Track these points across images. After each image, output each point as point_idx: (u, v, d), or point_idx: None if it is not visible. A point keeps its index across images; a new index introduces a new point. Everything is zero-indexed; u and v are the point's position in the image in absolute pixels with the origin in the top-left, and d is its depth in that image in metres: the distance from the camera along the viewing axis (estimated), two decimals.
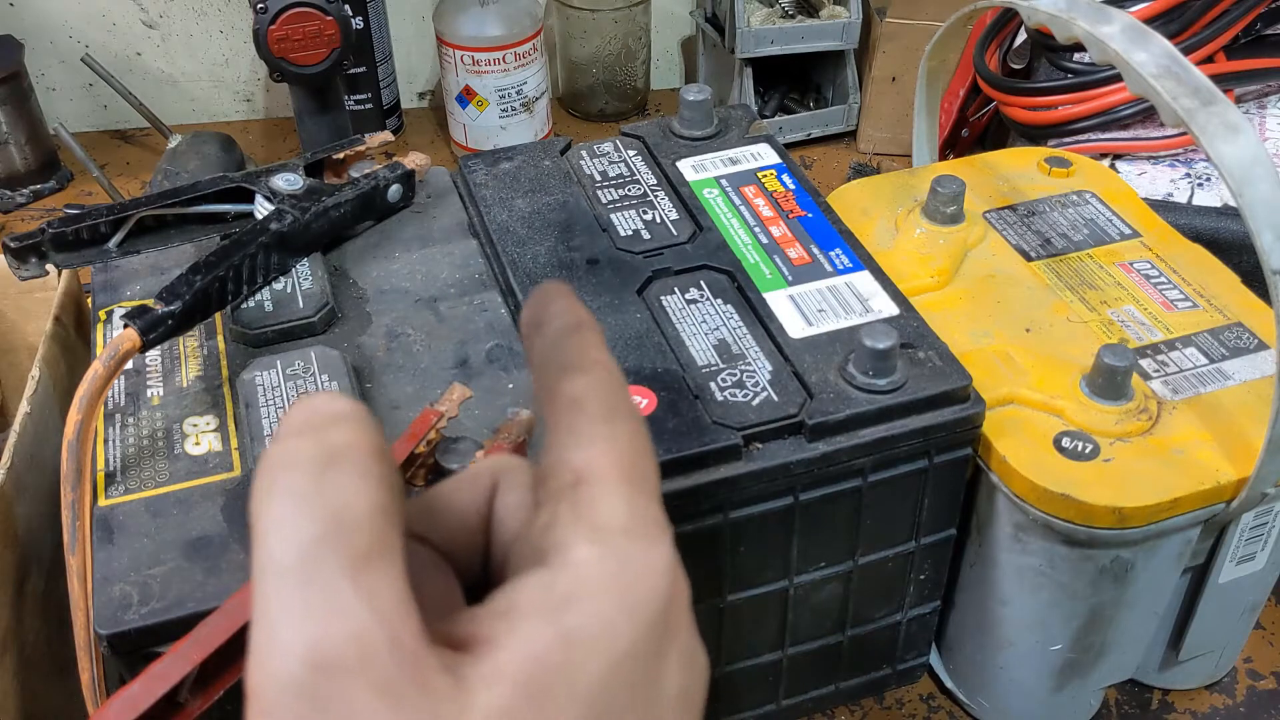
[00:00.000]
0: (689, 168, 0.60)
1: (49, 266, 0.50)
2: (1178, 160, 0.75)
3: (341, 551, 0.20)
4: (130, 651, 0.39)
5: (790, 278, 0.52)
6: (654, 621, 0.22)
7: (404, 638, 0.20)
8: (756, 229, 0.55)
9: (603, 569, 0.21)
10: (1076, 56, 0.77)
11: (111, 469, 0.44)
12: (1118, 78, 0.73)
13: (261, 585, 0.20)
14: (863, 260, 0.54)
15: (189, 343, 0.50)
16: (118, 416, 0.46)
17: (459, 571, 0.26)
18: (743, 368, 0.48)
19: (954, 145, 0.93)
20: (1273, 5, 0.74)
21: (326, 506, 0.20)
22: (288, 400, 0.45)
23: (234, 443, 0.45)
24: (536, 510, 0.24)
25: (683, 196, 0.57)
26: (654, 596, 0.22)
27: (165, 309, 0.45)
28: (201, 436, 0.45)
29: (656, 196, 0.58)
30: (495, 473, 0.26)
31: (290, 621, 0.19)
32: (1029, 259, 0.58)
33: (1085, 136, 0.77)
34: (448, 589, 0.25)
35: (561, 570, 0.21)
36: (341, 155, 0.57)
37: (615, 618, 0.21)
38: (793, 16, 0.98)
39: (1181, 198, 0.72)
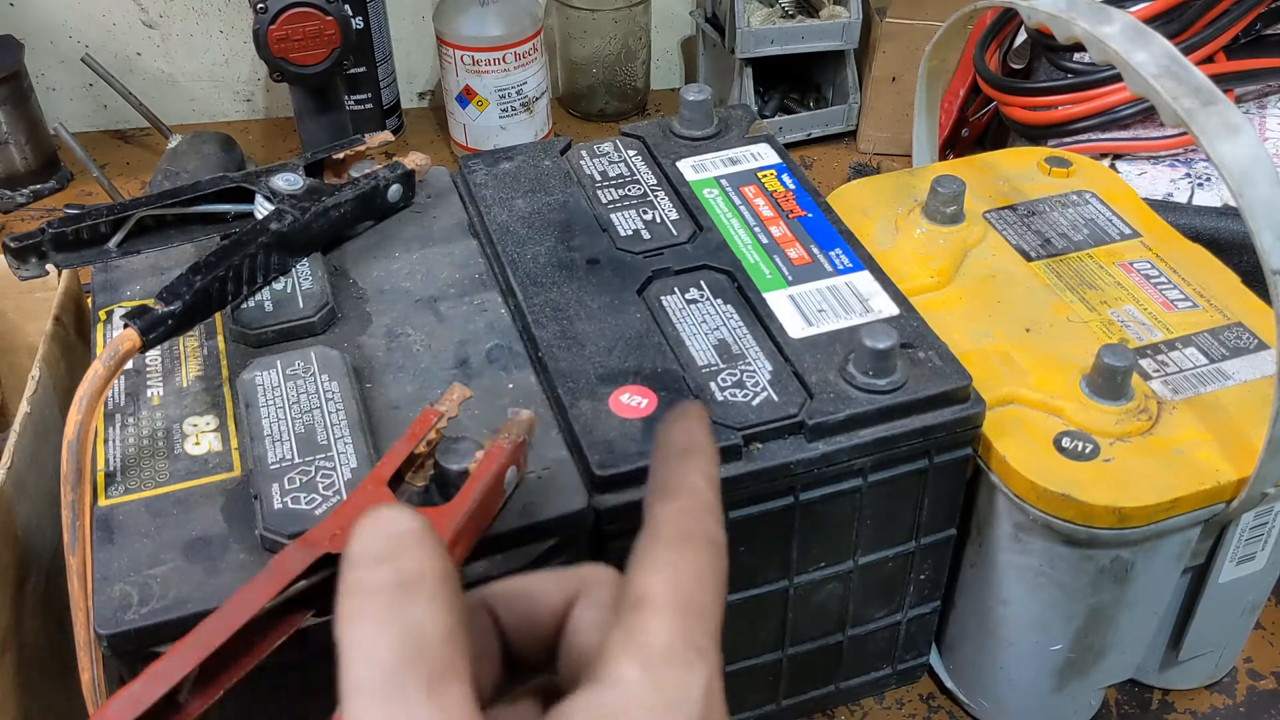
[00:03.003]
0: (689, 168, 0.60)
1: (49, 266, 0.50)
2: (1178, 160, 0.75)
3: (419, 672, 0.22)
4: (130, 651, 0.39)
5: (790, 278, 0.52)
6: None
7: None
8: (756, 229, 0.55)
9: (644, 691, 0.23)
10: (1076, 56, 0.77)
11: (111, 469, 0.44)
12: (1118, 78, 0.73)
13: (350, 703, 0.22)
14: (863, 260, 0.54)
15: (189, 343, 0.50)
16: (118, 416, 0.46)
17: (522, 657, 0.28)
18: (743, 368, 0.48)
19: (954, 145, 0.93)
20: (1273, 5, 0.74)
21: (405, 632, 0.22)
22: (288, 400, 0.45)
23: (234, 443, 0.45)
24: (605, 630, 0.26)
25: (683, 196, 0.57)
26: (686, 717, 0.23)
27: (165, 309, 0.45)
28: (201, 436, 0.45)
29: (656, 196, 0.58)
30: (583, 581, 0.28)
31: None
32: (1029, 259, 0.59)
33: (1085, 136, 0.77)
34: (491, 670, 0.27)
35: (609, 689, 0.23)
36: (341, 155, 0.57)
37: None
38: (793, 16, 0.98)
39: (1181, 198, 0.72)
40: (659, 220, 0.56)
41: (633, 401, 0.46)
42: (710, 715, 0.24)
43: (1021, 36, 0.86)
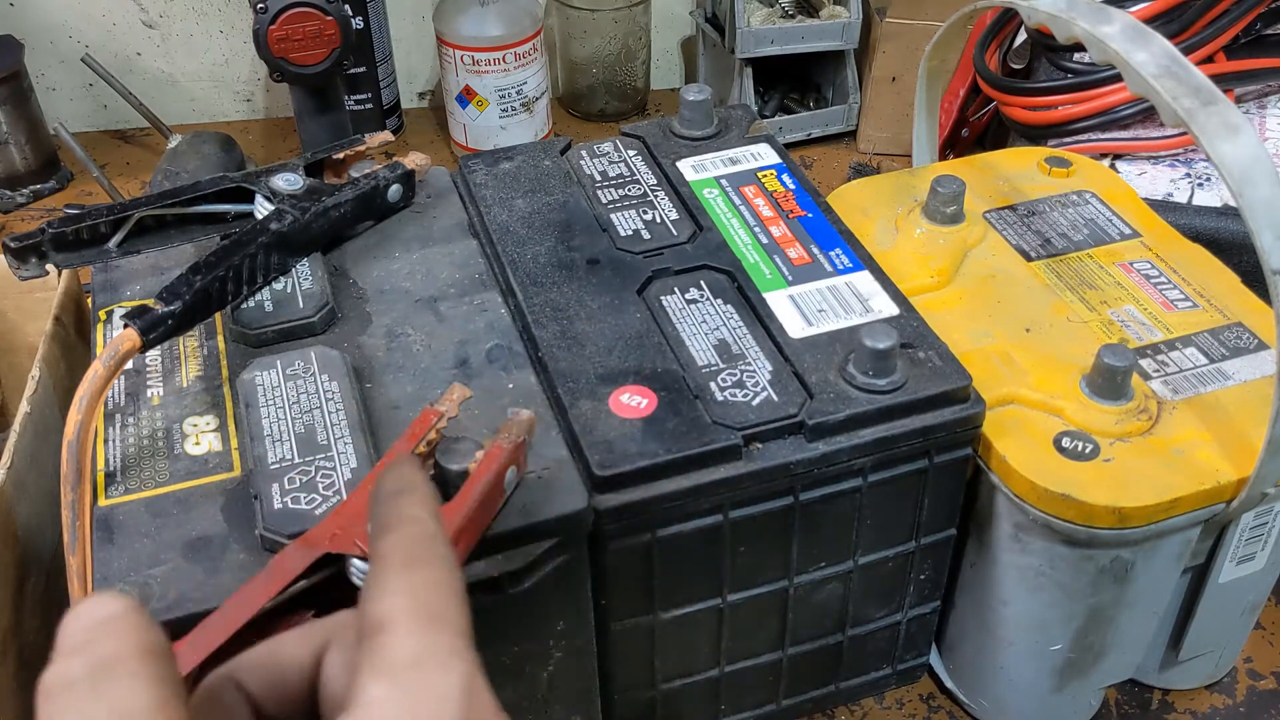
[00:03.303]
0: (689, 168, 0.60)
1: (49, 266, 0.50)
2: (1178, 160, 0.75)
3: None
4: None
5: (790, 278, 0.52)
6: None
7: None
8: (756, 229, 0.55)
9: (395, 704, 0.23)
10: (1076, 56, 0.77)
11: (111, 469, 0.44)
12: (1118, 78, 0.73)
13: None
14: (863, 260, 0.54)
15: (189, 343, 0.50)
16: (118, 416, 0.46)
17: None
18: (743, 368, 0.48)
19: (954, 145, 0.93)
20: (1273, 5, 0.74)
21: (107, 715, 0.22)
22: (288, 400, 0.45)
23: (234, 443, 0.45)
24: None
25: (683, 196, 0.57)
26: (442, 718, 0.23)
27: (165, 309, 0.45)
28: (201, 436, 0.45)
29: (656, 196, 0.58)
30: (328, 631, 0.28)
31: None
32: (1029, 259, 0.59)
33: (1085, 136, 0.77)
34: None
35: (360, 712, 0.23)
36: (341, 155, 0.57)
37: None
38: (793, 16, 0.98)
39: (1181, 198, 0.72)
40: (659, 220, 0.56)
41: (633, 401, 0.46)
42: (475, 712, 0.23)
43: (1021, 36, 0.86)
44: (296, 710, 0.27)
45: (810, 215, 0.56)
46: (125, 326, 0.44)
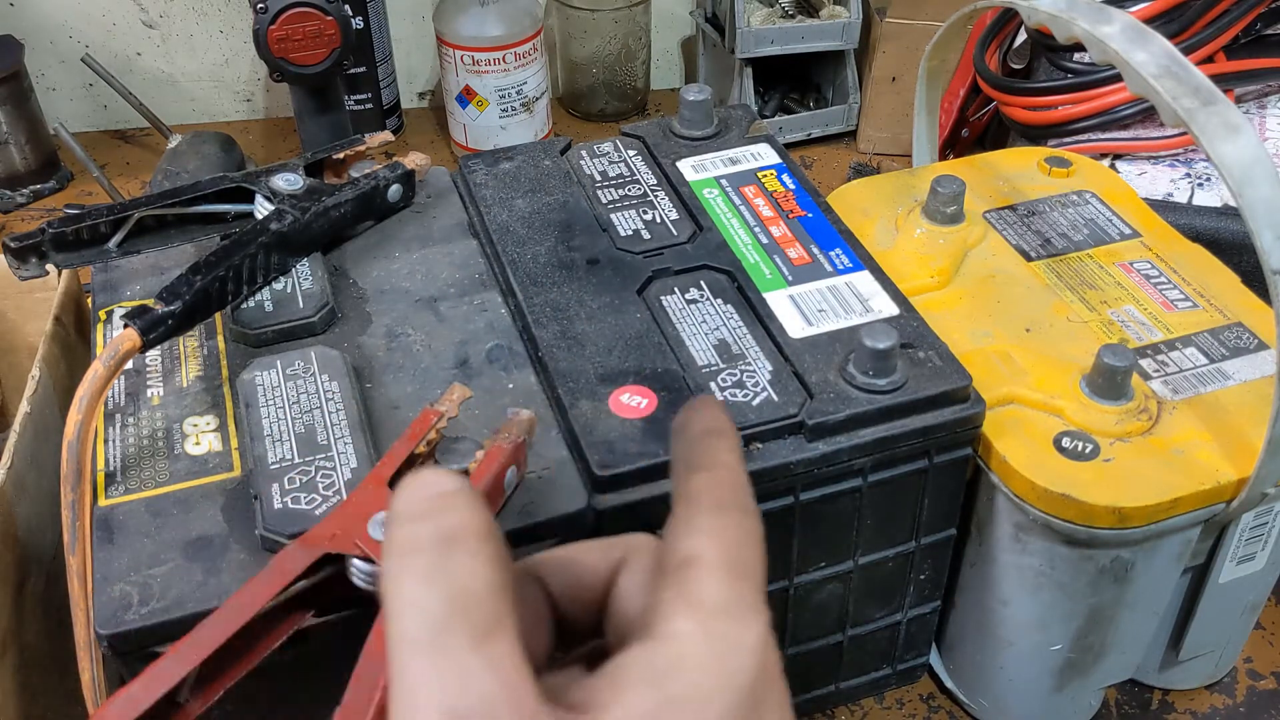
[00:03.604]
0: (689, 168, 0.60)
1: (49, 266, 0.50)
2: (1178, 160, 0.75)
3: (467, 627, 0.22)
4: (130, 651, 0.39)
5: (790, 278, 0.52)
6: (746, 692, 0.23)
7: (525, 700, 0.22)
8: (756, 229, 0.55)
9: (700, 643, 0.24)
10: (1076, 56, 0.77)
11: (111, 469, 0.44)
12: (1118, 78, 0.73)
13: (398, 657, 0.22)
14: (863, 260, 0.54)
15: (189, 343, 0.50)
16: (118, 416, 0.46)
17: (570, 625, 0.28)
18: (743, 368, 0.48)
19: (954, 145, 0.93)
20: (1273, 5, 0.74)
21: (451, 587, 0.23)
22: (288, 400, 0.45)
23: (234, 443, 0.45)
24: (652, 591, 0.26)
25: (683, 196, 0.57)
26: (746, 670, 0.24)
27: (165, 309, 0.45)
28: (201, 436, 0.45)
29: (656, 196, 0.58)
30: (627, 548, 0.29)
31: (428, 688, 0.22)
32: (1029, 259, 0.59)
33: (1085, 136, 0.77)
34: (542, 637, 0.28)
35: (664, 643, 0.24)
36: (341, 155, 0.57)
37: (711, 688, 0.23)
38: (793, 16, 0.98)
39: (1181, 198, 0.72)
40: (659, 220, 0.56)
41: (633, 401, 0.46)
42: (767, 668, 0.24)
43: (1021, 36, 0.86)
44: (585, 615, 0.28)
45: (810, 215, 0.56)
46: (125, 326, 0.44)
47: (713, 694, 0.23)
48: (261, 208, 0.53)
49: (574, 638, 0.29)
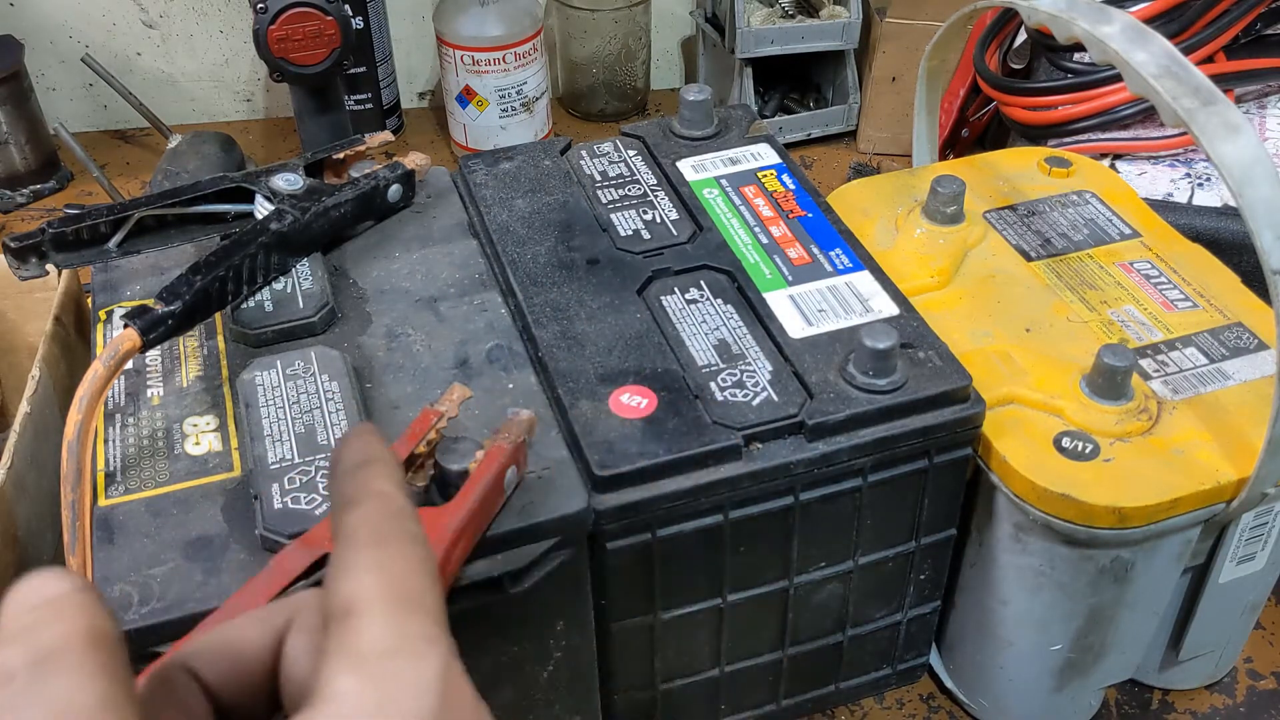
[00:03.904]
0: (689, 168, 0.60)
1: (49, 266, 0.50)
2: (1178, 160, 0.75)
3: None
4: (130, 651, 0.38)
5: (790, 278, 0.52)
6: None
7: None
8: (756, 229, 0.55)
9: (366, 697, 0.21)
10: (1076, 56, 0.77)
11: (111, 469, 0.44)
12: (1118, 78, 0.73)
13: None
14: (863, 260, 0.54)
15: (189, 343, 0.50)
16: (118, 416, 0.46)
17: (243, 712, 0.25)
18: (743, 368, 0.48)
19: (954, 145, 0.93)
20: (1273, 5, 0.74)
21: (48, 713, 0.20)
22: (288, 400, 0.45)
23: (234, 443, 0.45)
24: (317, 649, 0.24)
25: (683, 196, 0.57)
26: (423, 710, 0.22)
27: (165, 309, 0.45)
28: (201, 436, 0.45)
29: (656, 196, 0.58)
30: (292, 610, 0.26)
31: None
32: (1029, 259, 0.59)
33: (1085, 136, 0.77)
34: None
35: (327, 706, 0.21)
36: (341, 155, 0.57)
37: None
38: (793, 16, 0.98)
39: (1181, 198, 0.72)
40: (659, 220, 0.56)
41: (633, 401, 0.46)
42: (449, 698, 0.22)
43: (1021, 36, 0.86)
44: (256, 697, 0.25)
45: (810, 215, 0.56)
46: (125, 326, 0.44)
47: None
48: (261, 208, 0.53)
49: None
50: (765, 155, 0.61)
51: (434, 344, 0.49)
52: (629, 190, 0.58)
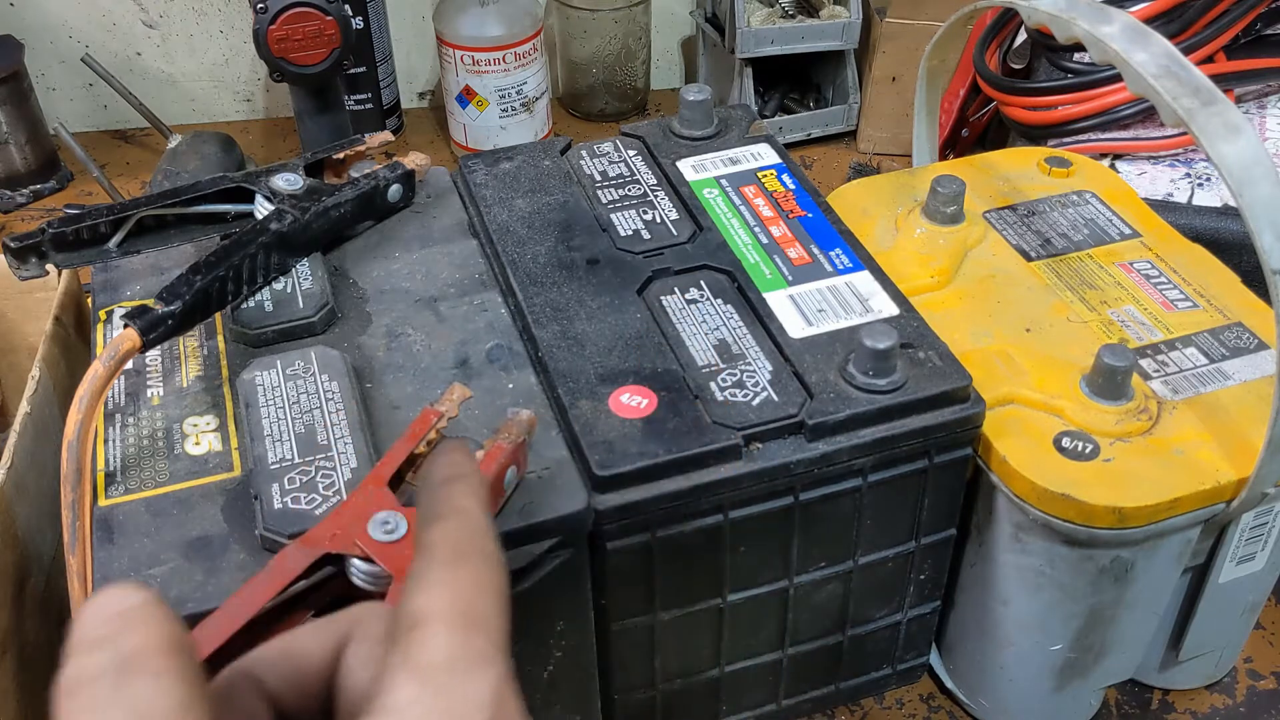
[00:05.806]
0: (689, 168, 0.60)
1: (49, 266, 0.50)
2: (1178, 160, 0.75)
3: None
4: None
5: (790, 278, 0.52)
6: None
7: None
8: (756, 229, 0.55)
9: (426, 708, 0.22)
10: (1076, 56, 0.77)
11: (111, 469, 0.44)
12: (1118, 78, 0.73)
13: None
14: (863, 260, 0.54)
15: (189, 343, 0.50)
16: (118, 416, 0.46)
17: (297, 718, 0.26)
18: (743, 368, 0.48)
19: (954, 145, 0.93)
20: (1273, 5, 0.74)
21: (129, 714, 0.21)
22: (288, 400, 0.45)
23: (234, 443, 0.45)
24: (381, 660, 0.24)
25: (683, 196, 0.57)
26: None
27: (165, 309, 0.45)
28: (201, 436, 0.45)
29: (656, 196, 0.58)
30: (352, 621, 0.27)
31: None
32: (1029, 259, 0.59)
33: (1085, 136, 0.77)
34: None
35: (383, 715, 0.22)
36: (341, 155, 0.57)
37: None
38: (793, 16, 0.98)
39: (1181, 198, 0.72)
40: (659, 220, 0.56)
41: (633, 401, 0.46)
42: (503, 714, 0.23)
43: (1021, 36, 0.86)
44: (315, 705, 0.26)
45: (810, 215, 0.56)
46: (125, 326, 0.44)
47: None
48: (261, 208, 0.53)
49: None
50: (765, 155, 0.61)
51: (434, 344, 0.49)
52: (629, 190, 0.58)
